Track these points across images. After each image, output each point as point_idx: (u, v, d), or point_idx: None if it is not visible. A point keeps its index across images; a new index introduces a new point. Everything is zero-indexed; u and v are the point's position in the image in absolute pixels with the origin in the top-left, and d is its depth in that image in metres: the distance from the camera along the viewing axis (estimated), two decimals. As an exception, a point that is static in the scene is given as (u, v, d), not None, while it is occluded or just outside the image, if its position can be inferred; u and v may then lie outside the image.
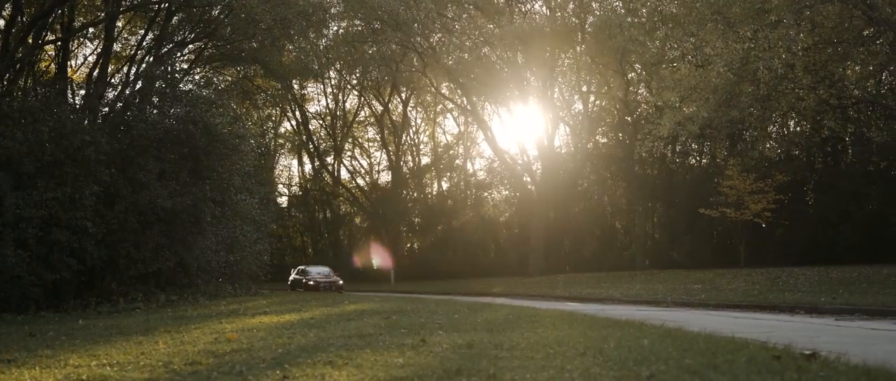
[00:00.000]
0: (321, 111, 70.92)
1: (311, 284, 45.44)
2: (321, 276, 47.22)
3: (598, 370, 6.86)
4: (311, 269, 49.67)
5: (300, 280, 47.26)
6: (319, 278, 46.31)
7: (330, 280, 46.22)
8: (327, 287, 44.76)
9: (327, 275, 47.82)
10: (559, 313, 15.29)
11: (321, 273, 48.11)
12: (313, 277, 46.86)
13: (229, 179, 28.58)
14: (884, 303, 19.50)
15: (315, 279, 46.16)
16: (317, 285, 44.89)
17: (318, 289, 44.03)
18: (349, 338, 10.40)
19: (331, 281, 46.03)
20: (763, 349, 8.00)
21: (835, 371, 6.38)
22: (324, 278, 46.71)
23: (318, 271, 48.70)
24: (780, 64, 29.18)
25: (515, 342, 9.44)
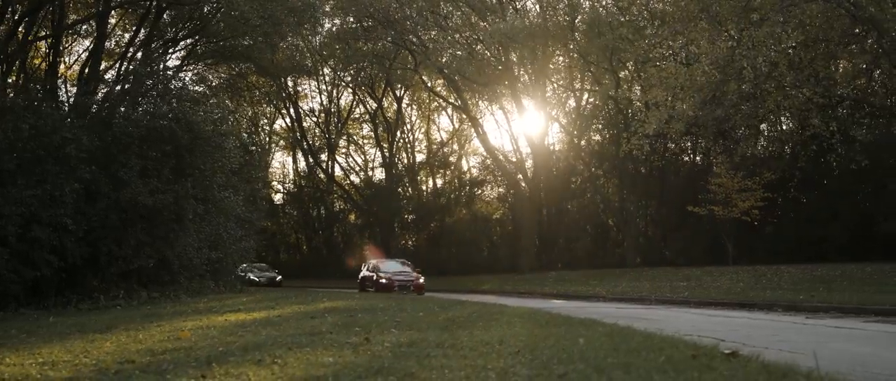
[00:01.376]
0: (315, 108, 71.01)
1: (383, 282, 37.24)
2: (397, 273, 39.22)
3: (517, 368, 6.92)
4: (384, 265, 41.65)
5: (371, 277, 39.33)
6: (394, 276, 38.36)
7: (408, 278, 38.37)
8: (404, 286, 37.12)
9: (404, 272, 39.83)
10: (525, 311, 15.36)
11: (396, 270, 40.12)
12: (387, 274, 38.73)
13: (212, 176, 28.57)
14: (859, 301, 19.58)
15: (389, 277, 37.73)
16: (390, 285, 36.96)
17: (393, 289, 36.36)
18: (297, 336, 10.46)
19: (409, 279, 38.24)
20: (691, 348, 8.05)
21: (741, 369, 6.42)
22: (400, 275, 38.83)
23: (393, 268, 40.70)
24: (764, 62, 29.25)
25: (460, 340, 9.49)
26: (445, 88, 60.18)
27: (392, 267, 40.30)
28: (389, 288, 36.27)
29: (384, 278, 37.49)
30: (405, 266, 42.80)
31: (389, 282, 37.10)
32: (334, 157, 70.18)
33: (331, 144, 68.56)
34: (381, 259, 44.45)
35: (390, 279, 37.26)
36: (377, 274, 38.44)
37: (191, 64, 51.13)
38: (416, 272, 39.54)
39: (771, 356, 8.57)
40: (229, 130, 30.32)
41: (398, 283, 36.87)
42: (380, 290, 36.20)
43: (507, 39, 46.80)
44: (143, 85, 29.29)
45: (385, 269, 39.43)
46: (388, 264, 41.01)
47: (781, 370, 6.45)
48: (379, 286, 37.13)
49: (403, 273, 38.92)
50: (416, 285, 37.16)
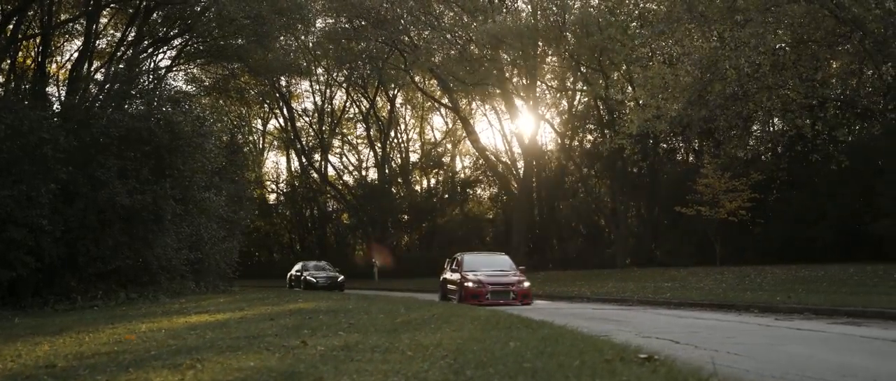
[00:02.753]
0: (309, 108, 71.02)
1: (471, 287, 26.73)
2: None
3: (431, 372, 6.91)
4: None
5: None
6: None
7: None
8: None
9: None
10: (486, 313, 15.32)
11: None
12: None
13: (192, 176, 28.54)
14: (833, 303, 19.50)
15: (479, 282, 27.37)
16: (480, 292, 26.24)
17: (483, 300, 25.79)
18: (238, 340, 10.44)
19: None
20: (614, 352, 8.00)
21: (646, 373, 6.39)
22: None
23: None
24: (746, 63, 29.20)
25: (397, 344, 9.46)
26: (439, 89, 60.19)
27: (484, 264, 28.58)
28: (479, 297, 25.25)
29: (472, 282, 26.02)
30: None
31: (479, 289, 25.68)
32: (327, 157, 70.23)
33: (324, 145, 68.56)
34: (472, 253, 32.78)
35: (481, 285, 25.87)
36: (463, 275, 26.76)
37: (182, 64, 51.19)
38: (519, 273, 27.61)
39: (698, 359, 8.56)
40: (210, 131, 30.23)
41: (492, 289, 25.72)
42: (466, 300, 25.34)
43: (497, 40, 46.79)
44: (122, 85, 29.21)
45: (474, 266, 28.01)
46: (478, 259, 29.33)
47: (683, 374, 6.40)
48: (466, 294, 25.78)
49: (501, 273, 27.05)
50: (520, 292, 25.79)
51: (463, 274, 26.71)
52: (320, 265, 47.43)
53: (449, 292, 28.29)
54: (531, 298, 26.19)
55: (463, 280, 26.23)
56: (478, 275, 26.39)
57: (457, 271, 27.72)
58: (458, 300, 25.88)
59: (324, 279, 42.80)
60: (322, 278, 43.02)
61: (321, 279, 42.69)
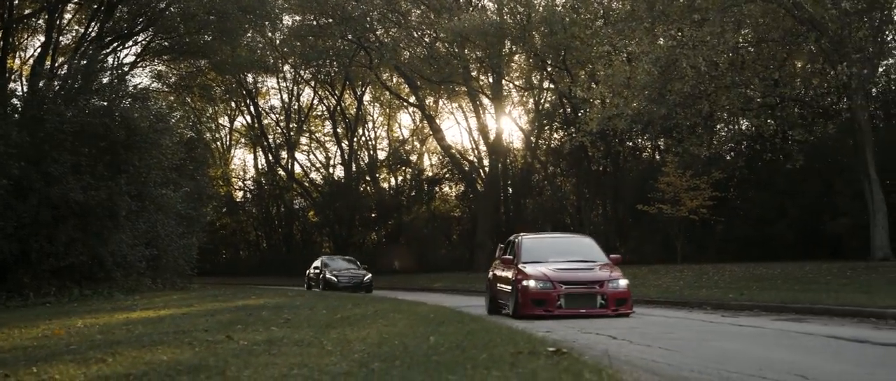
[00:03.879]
0: (276, 106, 70.80)
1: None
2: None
3: (340, 365, 6.95)
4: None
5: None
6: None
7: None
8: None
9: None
10: (427, 309, 15.50)
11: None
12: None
13: (148, 173, 28.38)
14: (782, 300, 19.63)
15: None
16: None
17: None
18: (163, 334, 10.46)
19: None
20: (529, 345, 8.04)
21: (549, 366, 6.43)
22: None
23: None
24: (703, 62, 29.35)
25: (321, 339, 9.50)
26: (406, 87, 60.20)
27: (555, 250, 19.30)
28: (546, 303, 17.14)
29: (534, 280, 17.35)
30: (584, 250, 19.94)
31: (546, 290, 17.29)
32: (294, 154, 70.05)
33: (290, 142, 68.37)
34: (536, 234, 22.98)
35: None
36: (519, 270, 18.17)
37: (146, 60, 50.97)
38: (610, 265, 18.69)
39: (625, 354, 8.61)
40: (167, 127, 30.05)
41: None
42: (525, 310, 17.30)
43: (463, 37, 46.82)
44: (81, 81, 29.02)
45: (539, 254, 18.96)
46: (545, 244, 20.31)
47: (578, 366, 6.43)
48: (524, 299, 17.36)
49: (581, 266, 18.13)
50: (613, 295, 17.21)
51: (520, 268, 18.08)
52: (343, 262, 40.79)
53: (499, 295, 19.24)
54: (630, 303, 17.83)
55: (520, 277, 17.73)
56: (542, 269, 17.87)
57: (510, 263, 18.67)
58: (512, 312, 17.71)
59: (346, 279, 37.02)
60: (345, 276, 37.31)
61: (344, 278, 36.98)
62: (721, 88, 31.45)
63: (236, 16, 41.14)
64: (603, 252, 19.47)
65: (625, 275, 18.11)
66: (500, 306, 18.96)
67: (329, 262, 39.93)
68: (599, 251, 19.38)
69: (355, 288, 34.94)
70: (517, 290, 17.25)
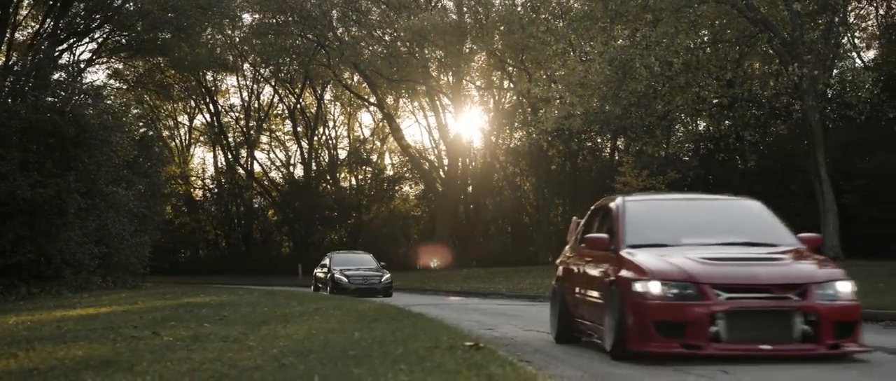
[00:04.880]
0: (236, 104, 70.41)
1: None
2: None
3: (254, 360, 6.90)
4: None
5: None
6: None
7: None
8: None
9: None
10: (367, 307, 15.32)
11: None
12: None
13: (98, 170, 28.09)
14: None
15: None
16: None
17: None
18: (92, 331, 10.41)
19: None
20: (451, 340, 8.01)
21: (453, 358, 6.39)
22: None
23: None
24: (656, 62, 29.50)
25: (250, 335, 9.48)
26: (359, 86, 60.17)
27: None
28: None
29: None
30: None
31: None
32: (254, 153, 69.68)
33: (250, 141, 68.02)
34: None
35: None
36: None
37: (103, 57, 50.52)
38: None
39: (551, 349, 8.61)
40: (119, 124, 29.76)
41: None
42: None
43: (421, 36, 46.78)
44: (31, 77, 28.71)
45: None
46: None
47: (487, 359, 6.41)
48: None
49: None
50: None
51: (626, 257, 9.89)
52: (355, 259, 34.45)
53: (580, 310, 10.83)
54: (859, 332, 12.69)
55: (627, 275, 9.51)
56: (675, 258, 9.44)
57: (602, 247, 10.27)
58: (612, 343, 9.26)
59: (360, 280, 30.59)
60: (357, 277, 30.80)
61: (356, 279, 30.58)
62: (675, 88, 31.64)
63: (194, 13, 40.86)
64: (784, 226, 11.10)
65: None
66: (583, 330, 10.46)
67: (339, 259, 33.59)
68: (778, 225, 11.05)
69: (370, 292, 29.20)
70: (623, 301, 8.88)
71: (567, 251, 12.12)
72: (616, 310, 8.82)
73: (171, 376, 6.06)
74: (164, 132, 68.81)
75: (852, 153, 33.97)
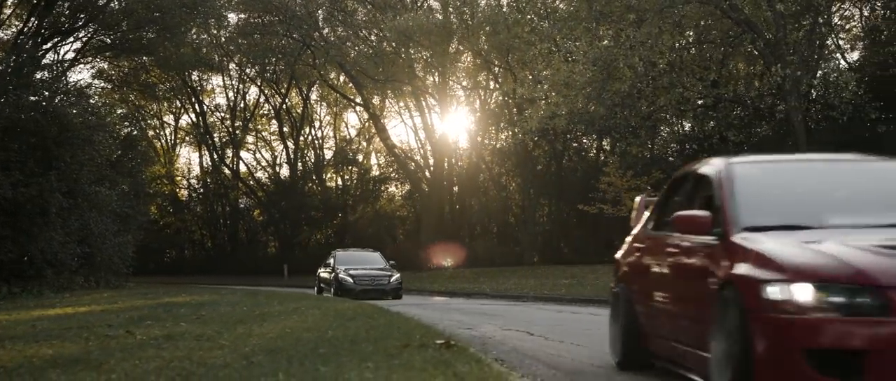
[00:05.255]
0: (222, 104, 70.29)
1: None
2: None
3: (223, 358, 6.87)
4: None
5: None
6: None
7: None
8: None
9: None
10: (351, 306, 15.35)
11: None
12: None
13: (80, 169, 28.01)
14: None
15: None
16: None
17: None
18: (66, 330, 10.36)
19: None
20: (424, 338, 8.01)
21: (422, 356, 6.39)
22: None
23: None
24: (640, 62, 29.55)
25: (223, 334, 9.44)
26: (345, 86, 60.15)
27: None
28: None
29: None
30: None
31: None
32: (239, 153, 69.56)
33: (236, 141, 67.92)
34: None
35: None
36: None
37: (87, 57, 50.43)
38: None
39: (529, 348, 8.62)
40: (102, 123, 29.67)
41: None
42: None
43: (407, 37, 46.75)
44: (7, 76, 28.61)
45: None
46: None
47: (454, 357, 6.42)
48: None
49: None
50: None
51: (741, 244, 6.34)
52: (362, 257, 32.04)
53: (655, 321, 7.61)
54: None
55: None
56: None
57: (702, 229, 6.47)
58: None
59: (367, 281, 28.73)
60: (364, 278, 28.83)
61: (363, 280, 28.64)
62: (659, 88, 31.69)
63: (179, 13, 40.86)
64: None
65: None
66: (664, 353, 7.41)
67: (344, 257, 31.37)
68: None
69: (378, 293, 27.47)
70: (746, 314, 5.37)
71: (634, 240, 8.84)
72: (732, 330, 5.49)
73: (137, 374, 6.03)
74: (150, 132, 68.71)
75: (836, 154, 34.03)
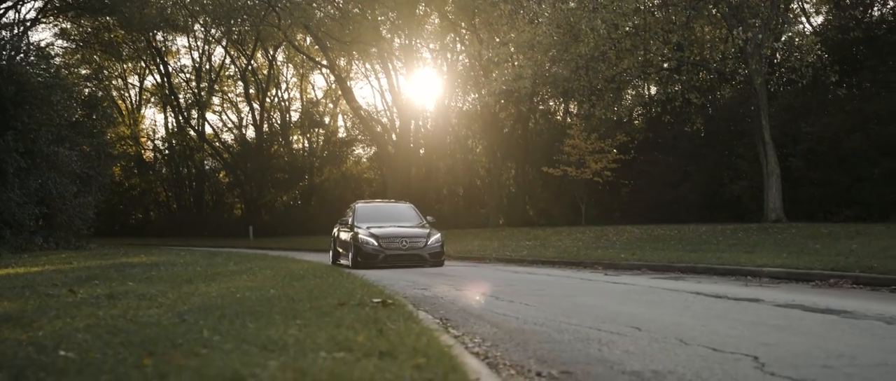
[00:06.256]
0: (187, 65, 69.78)
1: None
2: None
3: (154, 316, 6.78)
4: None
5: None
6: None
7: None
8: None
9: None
10: (304, 266, 15.33)
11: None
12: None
13: (38, 130, 27.67)
14: (670, 260, 19.83)
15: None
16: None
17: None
18: (9, 289, 10.25)
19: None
20: (364, 296, 7.99)
21: (362, 314, 6.37)
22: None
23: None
24: (603, 24, 29.51)
25: (167, 293, 9.43)
26: (311, 48, 59.71)
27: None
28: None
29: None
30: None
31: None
32: (205, 114, 69.09)
33: (201, 102, 67.41)
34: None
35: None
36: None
37: (49, 17, 49.89)
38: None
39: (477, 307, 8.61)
40: (59, 83, 29.28)
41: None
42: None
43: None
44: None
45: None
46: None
47: (381, 314, 6.40)
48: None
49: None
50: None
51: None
52: (387, 211, 24.09)
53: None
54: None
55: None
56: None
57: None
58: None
59: (396, 242, 21.08)
60: (393, 239, 21.13)
61: (391, 242, 21.04)
62: (623, 51, 31.71)
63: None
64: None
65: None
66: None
67: (366, 212, 23.33)
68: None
69: (413, 260, 20.98)
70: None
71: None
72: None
73: (65, 331, 5.98)
74: (114, 93, 68.08)
75: (797, 117, 34.32)
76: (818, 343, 6.57)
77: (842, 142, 31.61)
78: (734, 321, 8.28)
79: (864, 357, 5.89)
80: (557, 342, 6.96)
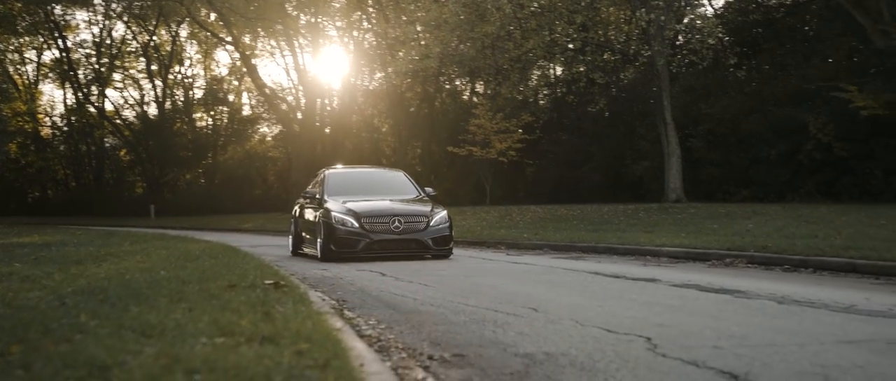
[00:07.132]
0: (87, 40, 68.03)
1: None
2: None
3: (33, 299, 6.52)
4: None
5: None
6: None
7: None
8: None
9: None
10: (202, 246, 15.03)
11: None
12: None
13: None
14: (572, 239, 19.95)
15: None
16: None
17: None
18: None
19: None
20: (258, 277, 7.84)
21: (251, 296, 6.22)
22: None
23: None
24: (508, 4, 29.55)
25: (53, 274, 9.19)
26: (216, 24, 58.77)
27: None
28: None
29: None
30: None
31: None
32: (105, 91, 67.49)
33: (101, 78, 65.85)
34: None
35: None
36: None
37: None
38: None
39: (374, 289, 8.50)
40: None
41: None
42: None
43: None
44: None
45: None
46: None
47: (275, 297, 6.26)
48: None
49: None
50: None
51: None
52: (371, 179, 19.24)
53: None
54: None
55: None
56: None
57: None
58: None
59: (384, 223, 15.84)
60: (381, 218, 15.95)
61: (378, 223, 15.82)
62: (528, 31, 31.78)
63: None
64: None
65: None
66: None
67: (340, 182, 18.11)
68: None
69: (412, 247, 16.04)
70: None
71: None
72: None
73: (-65, 316, 5.71)
74: (9, 68, 66.13)
75: (698, 99, 34.87)
76: (711, 323, 6.62)
77: (740, 123, 32.18)
78: (630, 301, 8.32)
79: (754, 337, 5.94)
80: (453, 324, 6.89)
